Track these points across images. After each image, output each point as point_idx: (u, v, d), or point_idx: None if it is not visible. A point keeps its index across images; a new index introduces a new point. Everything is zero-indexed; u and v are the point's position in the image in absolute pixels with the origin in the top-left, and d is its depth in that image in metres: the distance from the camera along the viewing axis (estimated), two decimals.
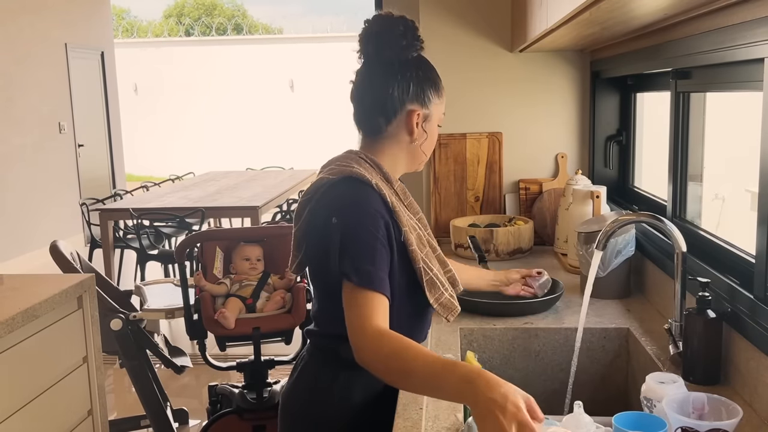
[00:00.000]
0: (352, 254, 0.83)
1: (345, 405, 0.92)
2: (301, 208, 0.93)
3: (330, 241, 0.85)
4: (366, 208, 0.85)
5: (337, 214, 0.85)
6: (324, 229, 0.86)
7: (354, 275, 0.81)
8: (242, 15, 16.38)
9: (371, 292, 0.81)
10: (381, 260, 0.84)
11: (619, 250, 1.27)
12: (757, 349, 0.84)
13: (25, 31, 4.75)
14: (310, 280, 0.98)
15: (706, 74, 1.09)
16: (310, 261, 0.94)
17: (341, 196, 0.87)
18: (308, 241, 0.92)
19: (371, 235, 0.84)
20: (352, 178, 0.88)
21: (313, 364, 0.96)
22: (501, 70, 1.79)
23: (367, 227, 0.84)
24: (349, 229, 0.84)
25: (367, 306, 0.80)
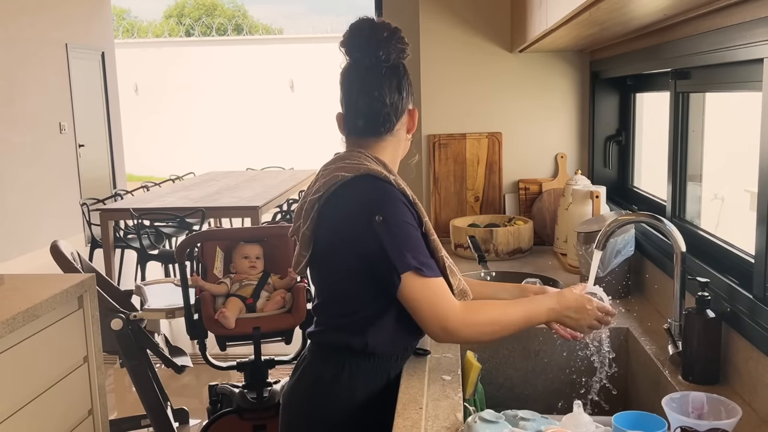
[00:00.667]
0: (410, 249, 0.87)
1: (346, 405, 0.92)
2: (309, 207, 0.92)
3: (380, 241, 0.87)
4: (400, 202, 0.89)
5: (380, 212, 0.87)
6: (369, 227, 0.87)
7: (423, 268, 0.87)
8: (243, 15, 16.38)
9: (439, 279, 0.89)
10: (425, 248, 0.90)
11: (619, 250, 1.27)
12: (756, 348, 0.84)
13: (26, 32, 4.75)
14: (317, 278, 0.98)
15: (706, 74, 1.10)
16: (327, 256, 0.93)
17: (372, 195, 0.89)
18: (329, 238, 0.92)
19: (414, 228, 0.90)
20: (371, 176, 0.89)
21: (315, 364, 0.96)
22: (501, 71, 1.79)
23: (410, 221, 0.89)
24: (397, 226, 0.88)
25: (443, 292, 0.89)
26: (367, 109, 0.93)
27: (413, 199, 0.92)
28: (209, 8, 16.20)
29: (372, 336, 0.91)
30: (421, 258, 0.87)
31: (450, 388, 0.91)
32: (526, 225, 1.66)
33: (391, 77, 0.93)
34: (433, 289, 0.87)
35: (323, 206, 0.91)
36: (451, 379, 0.94)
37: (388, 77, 0.93)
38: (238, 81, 9.90)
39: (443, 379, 0.94)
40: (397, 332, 0.93)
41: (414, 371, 0.96)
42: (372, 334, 0.91)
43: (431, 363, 1.00)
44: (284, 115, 9.86)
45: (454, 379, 0.93)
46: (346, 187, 0.89)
